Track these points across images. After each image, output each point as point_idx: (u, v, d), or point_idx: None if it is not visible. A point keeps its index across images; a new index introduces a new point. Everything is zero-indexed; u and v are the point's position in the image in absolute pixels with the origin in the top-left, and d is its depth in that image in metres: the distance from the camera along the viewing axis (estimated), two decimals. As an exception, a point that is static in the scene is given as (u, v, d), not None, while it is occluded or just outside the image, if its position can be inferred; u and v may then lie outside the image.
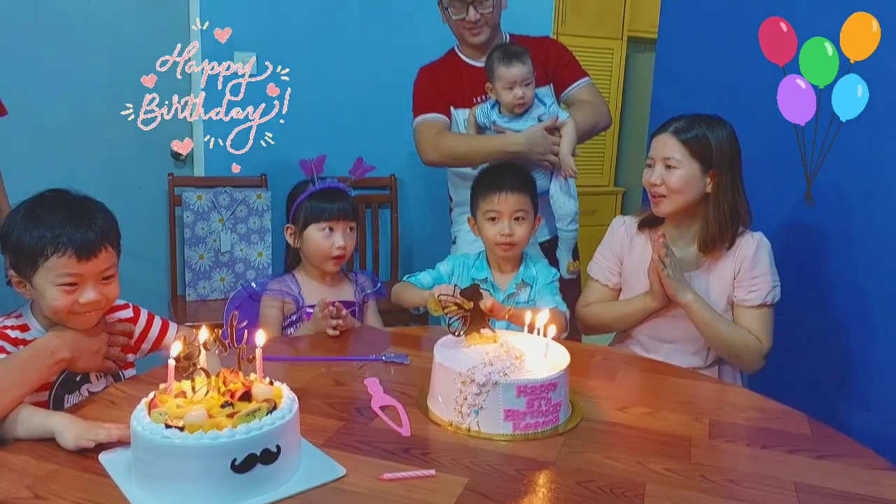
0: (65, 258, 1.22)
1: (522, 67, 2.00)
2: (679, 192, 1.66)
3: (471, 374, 1.18)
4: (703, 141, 1.65)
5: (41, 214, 1.25)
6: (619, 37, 4.41)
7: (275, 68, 2.95)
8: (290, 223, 1.80)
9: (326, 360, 1.50)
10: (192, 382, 1.02)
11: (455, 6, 2.13)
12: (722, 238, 1.67)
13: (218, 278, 2.85)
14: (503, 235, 1.72)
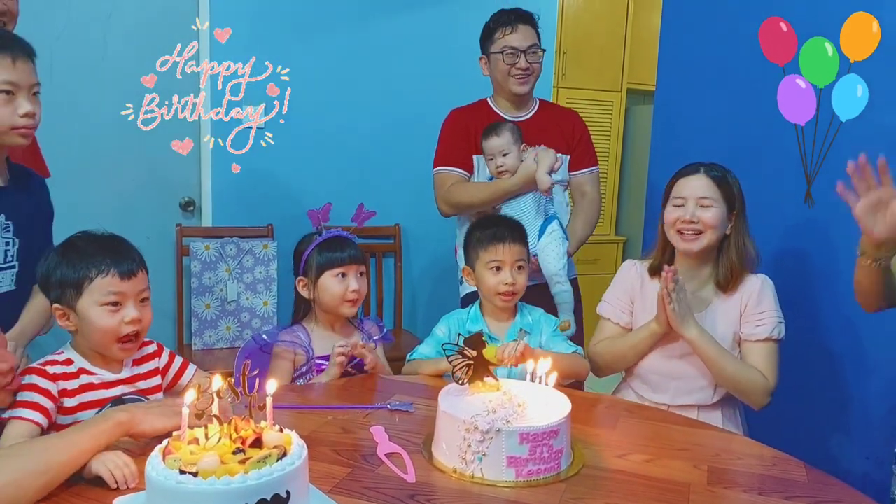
0: (108, 278, 1.36)
1: (498, 140, 2.18)
2: (714, 228, 1.74)
3: (474, 421, 1.21)
4: (727, 182, 1.77)
5: (79, 249, 1.38)
6: (619, 89, 4.53)
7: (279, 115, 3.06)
8: (302, 275, 1.83)
9: (333, 408, 1.53)
10: (205, 430, 1.05)
11: (509, 53, 2.27)
12: (740, 275, 1.77)
13: (224, 327, 2.88)
14: (506, 285, 1.76)
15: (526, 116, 2.37)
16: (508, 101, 2.37)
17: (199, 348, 2.86)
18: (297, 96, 3.08)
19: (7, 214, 1.61)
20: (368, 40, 3.19)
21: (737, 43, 2.30)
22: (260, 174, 3.07)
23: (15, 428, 1.26)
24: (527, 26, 2.30)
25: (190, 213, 3.04)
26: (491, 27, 2.34)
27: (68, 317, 1.38)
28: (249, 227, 3.02)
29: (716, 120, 2.40)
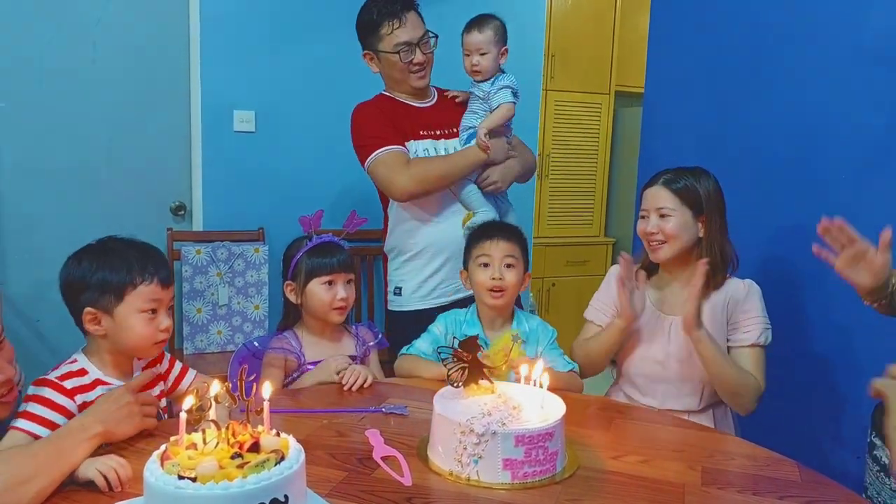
0: (152, 286, 1.38)
1: (479, 35, 2.09)
2: (676, 237, 1.76)
3: (470, 424, 1.22)
4: (691, 189, 1.77)
5: (117, 254, 1.39)
6: (607, 91, 4.56)
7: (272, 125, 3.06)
8: (291, 280, 1.82)
9: (327, 412, 1.53)
10: (203, 434, 1.05)
11: (403, 49, 2.12)
12: (717, 279, 1.78)
13: (215, 331, 2.88)
14: (493, 280, 1.77)
15: (429, 103, 2.28)
16: (408, 94, 2.25)
17: (191, 353, 2.85)
18: (289, 100, 3.11)
19: None
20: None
21: (725, 45, 2.32)
22: (250, 177, 3.07)
23: (13, 437, 1.26)
24: (412, 13, 2.14)
25: (181, 217, 3.04)
26: (375, 21, 2.15)
27: (100, 321, 1.38)
28: (240, 231, 3.02)
29: (704, 122, 2.42)
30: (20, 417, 1.29)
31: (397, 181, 2.11)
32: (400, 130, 2.17)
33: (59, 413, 1.32)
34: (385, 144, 2.14)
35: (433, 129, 2.22)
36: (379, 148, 2.14)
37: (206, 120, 2.97)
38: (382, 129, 2.16)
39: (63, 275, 1.41)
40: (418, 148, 2.18)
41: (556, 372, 1.68)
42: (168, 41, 2.93)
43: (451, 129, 2.22)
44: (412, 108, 2.24)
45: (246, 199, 3.06)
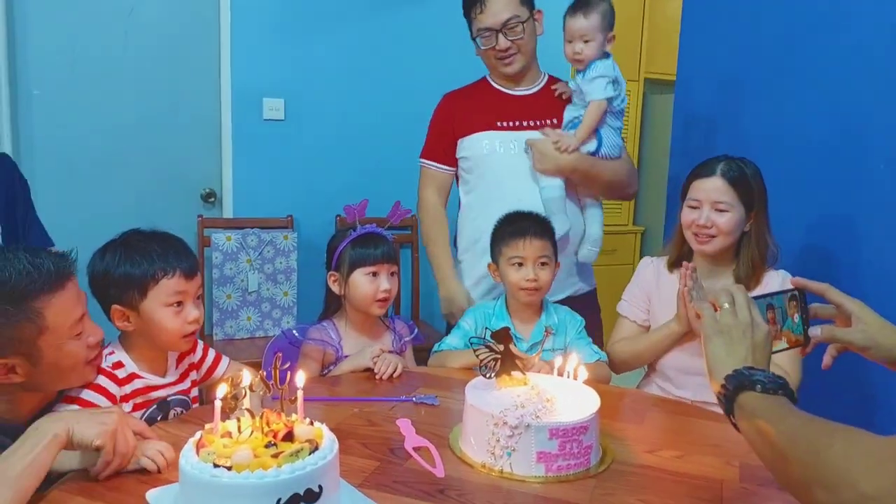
0: (175, 279, 1.37)
1: (583, 21, 1.92)
2: (728, 234, 1.73)
3: (503, 416, 1.21)
4: (746, 182, 1.73)
5: (139, 248, 1.37)
6: (637, 79, 4.49)
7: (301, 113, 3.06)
8: (334, 270, 1.79)
9: (358, 400, 1.53)
10: (238, 423, 1.05)
11: (483, 35, 2.03)
12: (761, 272, 1.75)
13: (245, 318, 2.90)
14: (528, 280, 1.74)
15: (527, 91, 2.14)
16: (502, 80, 2.14)
17: (221, 338, 2.87)
18: (318, 88, 3.11)
19: None
20: (391, 32, 3.18)
21: (760, 31, 2.26)
22: (280, 165, 3.08)
23: None
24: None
25: (211, 204, 3.06)
26: (465, 7, 2.08)
27: (128, 318, 1.38)
28: (270, 218, 3.03)
29: (737, 110, 2.36)
30: (70, 402, 1.30)
31: (421, 195, 2.23)
32: (465, 120, 2.11)
33: (109, 400, 1.33)
34: (427, 156, 2.22)
35: (519, 119, 2.09)
36: (423, 156, 2.23)
37: (236, 108, 2.98)
38: (432, 138, 2.22)
39: (88, 271, 1.40)
40: (485, 141, 2.08)
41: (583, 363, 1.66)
42: (198, 29, 2.94)
43: (545, 119, 2.08)
44: (503, 94, 2.14)
45: (275, 187, 3.08)
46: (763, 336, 1.02)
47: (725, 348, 1.00)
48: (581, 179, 2.06)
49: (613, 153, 2.06)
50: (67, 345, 1.22)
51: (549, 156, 1.98)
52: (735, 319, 1.02)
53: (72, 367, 1.25)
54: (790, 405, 0.90)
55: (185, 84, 2.94)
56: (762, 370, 0.96)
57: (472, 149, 2.10)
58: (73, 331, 1.22)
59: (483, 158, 2.09)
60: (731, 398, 0.95)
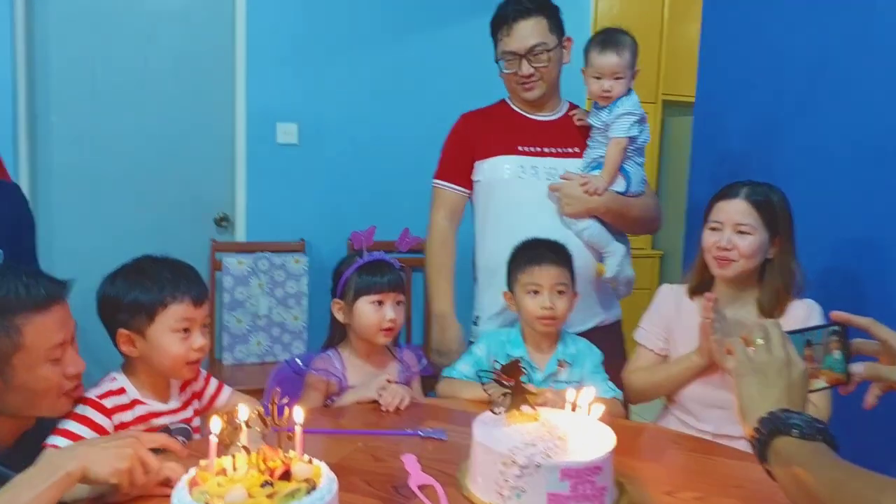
0: (183, 305, 1.35)
1: (615, 58, 1.89)
2: (750, 258, 1.67)
3: (512, 454, 1.15)
4: (771, 207, 1.68)
5: (149, 273, 1.36)
6: (655, 100, 4.45)
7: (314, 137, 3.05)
8: (339, 298, 1.75)
9: (363, 433, 1.48)
10: (233, 459, 1.01)
11: (507, 59, 2.00)
12: (784, 301, 1.68)
13: (255, 342, 2.87)
14: (544, 309, 1.69)
15: (547, 117, 2.09)
16: (522, 104, 2.09)
17: (230, 363, 2.85)
18: (331, 112, 3.11)
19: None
20: (404, 57, 3.19)
21: (780, 52, 2.22)
22: (293, 189, 3.07)
23: None
24: (529, 20, 1.95)
25: (224, 228, 3.05)
26: (492, 28, 2.04)
27: (134, 343, 1.36)
28: (282, 242, 3.01)
29: (758, 132, 2.31)
30: (57, 434, 1.27)
31: (432, 219, 2.13)
32: (483, 143, 2.07)
33: (96, 432, 1.30)
34: (441, 177, 2.13)
35: (540, 144, 2.04)
36: (437, 177, 2.15)
37: (250, 132, 2.99)
38: (448, 159, 2.14)
39: (98, 295, 1.39)
40: (507, 164, 2.02)
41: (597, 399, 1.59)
42: (214, 54, 2.96)
43: (566, 147, 2.04)
44: (524, 118, 2.09)
45: (288, 211, 3.07)
46: (800, 375, 0.95)
47: (759, 388, 0.94)
48: (612, 219, 2.01)
49: (640, 189, 2.02)
50: (42, 368, 1.19)
51: (578, 199, 1.94)
52: (769, 357, 0.96)
53: (43, 393, 1.21)
54: (831, 452, 0.84)
55: (200, 108, 2.95)
56: (799, 413, 0.89)
57: (492, 172, 2.05)
58: (50, 354, 1.19)
59: (504, 183, 2.03)
60: (765, 443, 0.89)
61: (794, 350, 0.98)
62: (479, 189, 2.10)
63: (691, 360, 1.70)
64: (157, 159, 2.90)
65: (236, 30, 2.95)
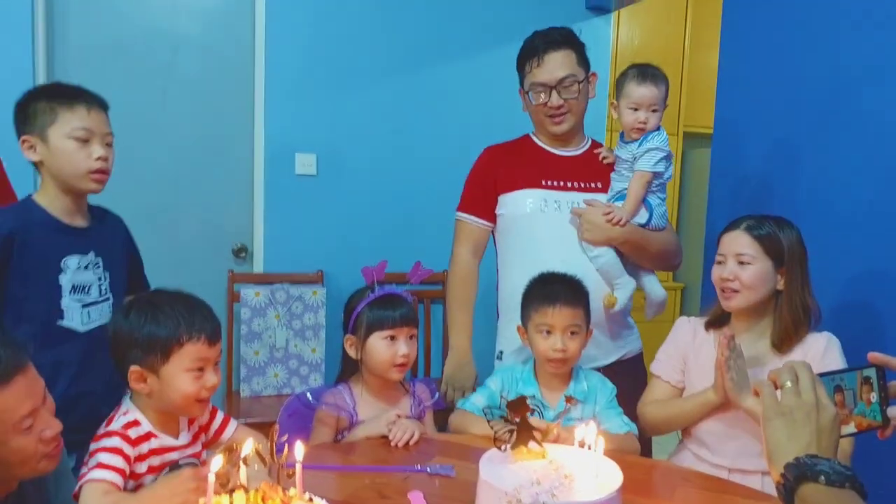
0: (199, 344, 1.33)
1: (654, 91, 1.91)
2: (752, 288, 1.65)
3: (517, 493, 1.13)
4: (774, 238, 1.67)
5: (162, 308, 1.34)
6: (675, 132, 4.43)
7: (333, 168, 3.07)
8: (351, 334, 1.74)
9: (371, 470, 1.47)
10: (231, 499, 1.00)
11: (536, 90, 1.99)
12: (797, 334, 1.66)
13: (272, 374, 2.87)
14: (556, 351, 1.66)
15: (572, 152, 2.09)
16: (548, 138, 2.09)
17: (247, 395, 2.85)
18: (350, 143, 3.14)
19: (96, 251, 1.72)
20: (423, 88, 3.21)
21: (799, 84, 2.20)
22: (311, 220, 3.09)
23: (94, 490, 1.24)
24: (559, 52, 1.97)
25: (242, 259, 3.07)
26: (521, 56, 2.04)
27: (146, 379, 1.34)
28: (299, 273, 3.02)
29: (776, 165, 2.29)
30: (95, 469, 1.26)
31: (455, 251, 2.13)
32: (506, 177, 2.06)
33: (126, 462, 1.30)
34: (465, 209, 2.13)
35: (564, 179, 2.03)
36: (460, 209, 2.15)
37: (269, 163, 3.02)
38: (472, 191, 2.13)
39: (110, 329, 1.38)
40: (530, 199, 2.01)
41: (610, 434, 1.56)
42: (233, 84, 3.01)
43: (589, 183, 2.04)
44: (547, 153, 2.08)
45: (306, 242, 3.08)
46: (830, 420, 0.91)
47: (787, 432, 0.91)
48: (631, 251, 2.00)
49: (662, 224, 2.01)
50: (13, 441, 1.11)
51: (599, 227, 1.93)
52: (798, 400, 0.92)
53: (21, 463, 1.14)
54: (859, 500, 0.81)
55: (218, 139, 2.99)
56: (827, 459, 0.86)
57: (515, 206, 2.04)
58: (19, 427, 1.11)
59: (526, 217, 2.02)
60: (791, 489, 0.85)
61: (825, 393, 0.94)
62: (502, 223, 2.09)
63: (706, 397, 1.67)
64: (175, 189, 2.93)
65: (255, 60, 2.99)
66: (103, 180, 1.70)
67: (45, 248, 1.63)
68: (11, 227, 1.59)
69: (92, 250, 1.70)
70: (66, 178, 1.64)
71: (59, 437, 1.21)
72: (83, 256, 1.68)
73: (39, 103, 1.63)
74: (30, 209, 1.66)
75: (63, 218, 1.68)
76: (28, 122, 1.63)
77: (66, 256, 1.65)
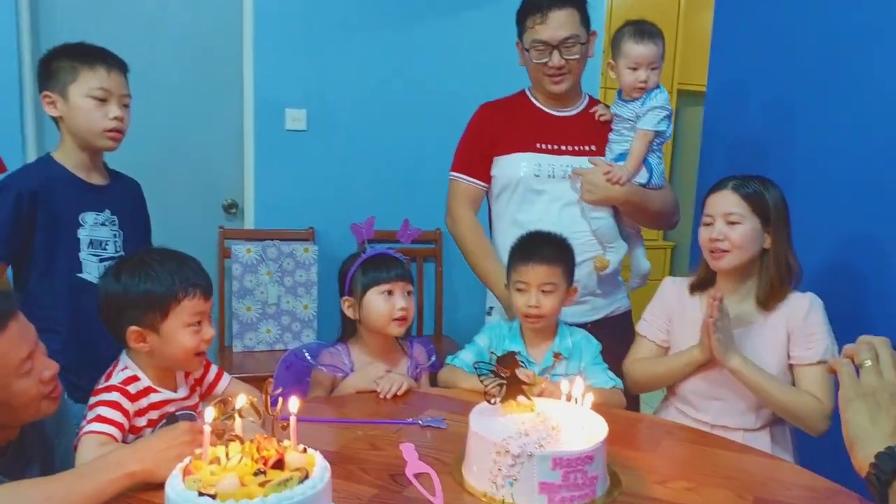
0: (195, 299, 1.36)
1: (654, 48, 1.88)
2: (742, 248, 1.67)
3: (505, 444, 1.16)
4: (761, 197, 1.68)
5: (154, 267, 1.36)
6: (669, 90, 4.40)
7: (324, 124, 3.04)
8: (348, 295, 1.74)
9: (363, 422, 1.49)
10: (227, 449, 1.03)
11: (538, 49, 1.95)
12: (782, 293, 1.68)
13: (264, 330, 2.89)
14: (530, 307, 1.69)
15: (568, 112, 2.07)
16: (546, 98, 2.07)
17: (240, 350, 2.88)
18: (341, 98, 3.11)
19: (112, 209, 1.79)
20: (416, 42, 3.17)
21: (792, 45, 2.19)
22: (302, 176, 3.08)
23: (90, 441, 1.26)
24: (563, 11, 1.92)
25: (233, 214, 3.07)
26: (523, 11, 1.99)
27: (146, 339, 1.36)
28: (291, 230, 3.03)
29: (768, 125, 2.29)
30: (94, 421, 1.29)
31: (451, 211, 2.12)
32: (502, 138, 2.04)
33: (125, 416, 1.33)
34: (460, 170, 2.11)
35: (559, 142, 2.02)
36: (455, 170, 2.13)
37: (259, 118, 2.99)
38: (467, 151, 2.11)
39: (101, 292, 1.38)
40: (524, 162, 2.00)
41: (596, 389, 1.59)
42: (222, 40, 2.97)
43: (584, 146, 2.03)
44: (544, 114, 2.07)
45: (297, 199, 3.08)
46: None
47: (870, 416, 0.87)
48: (631, 211, 2.01)
49: (661, 182, 2.02)
50: (15, 384, 1.18)
51: (600, 186, 1.93)
52: (880, 380, 0.89)
53: (25, 405, 1.21)
54: None
55: (207, 94, 2.96)
56: None
57: (509, 168, 2.03)
58: (19, 370, 1.18)
59: (520, 181, 2.02)
60: (885, 482, 0.81)
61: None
62: (496, 184, 2.09)
63: (691, 355, 1.70)
64: (164, 145, 2.90)
65: (244, 14, 2.94)
66: (118, 139, 1.77)
67: (65, 203, 1.71)
68: (36, 185, 1.67)
69: (108, 208, 1.78)
70: (83, 134, 1.71)
71: (57, 377, 1.26)
72: (99, 213, 1.76)
73: (62, 61, 1.70)
74: (49, 165, 1.73)
75: (81, 174, 1.75)
76: (50, 79, 1.71)
77: (84, 212, 1.73)
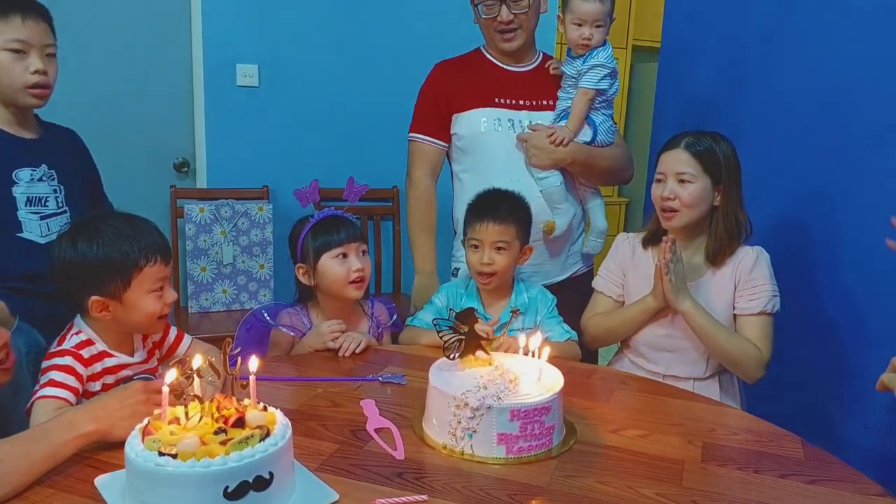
0: (157, 265, 1.34)
1: (599, 6, 1.87)
2: (692, 207, 1.70)
3: (465, 397, 1.19)
4: (713, 155, 1.70)
5: (110, 234, 1.31)
6: (624, 45, 4.42)
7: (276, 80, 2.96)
8: (301, 262, 1.72)
9: (323, 380, 1.51)
10: (186, 408, 1.03)
11: (486, 3, 1.93)
12: (730, 248, 1.72)
13: (220, 290, 2.86)
14: (482, 265, 1.70)
15: (524, 68, 2.06)
16: (499, 54, 2.06)
17: (196, 311, 2.85)
18: (294, 53, 3.03)
19: (49, 163, 1.66)
20: (365, 0, 3.09)
21: (747, 2, 2.21)
22: (254, 134, 3.01)
23: (44, 406, 1.24)
24: None
25: (184, 174, 3.00)
26: None
27: (108, 308, 1.32)
28: (244, 189, 2.98)
29: (721, 81, 2.32)
30: (47, 386, 1.27)
31: (409, 174, 2.13)
32: (459, 95, 2.03)
33: (78, 381, 1.31)
34: (418, 130, 2.10)
35: (517, 97, 2.02)
36: (413, 130, 2.12)
37: (208, 74, 2.91)
38: (424, 111, 2.10)
39: (56, 259, 1.32)
40: (484, 118, 2.00)
41: (552, 342, 1.62)
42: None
43: (542, 100, 2.03)
44: (499, 69, 2.06)
45: (250, 157, 3.02)
46: None
47: None
48: (580, 170, 2.02)
49: (609, 139, 2.02)
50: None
51: (544, 150, 1.94)
52: None
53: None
54: None
55: (155, 49, 2.85)
56: None
57: (469, 126, 2.03)
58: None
59: (480, 137, 2.01)
60: None
61: None
62: (456, 142, 2.08)
63: (645, 303, 1.74)
64: (112, 103, 2.80)
65: (192, -31, 2.84)
66: (44, 95, 1.64)
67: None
68: None
69: (44, 163, 1.66)
70: (3, 90, 1.58)
71: (9, 347, 1.22)
72: (35, 169, 1.64)
73: None
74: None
75: (9, 129, 1.63)
76: None
77: (18, 169, 1.62)
